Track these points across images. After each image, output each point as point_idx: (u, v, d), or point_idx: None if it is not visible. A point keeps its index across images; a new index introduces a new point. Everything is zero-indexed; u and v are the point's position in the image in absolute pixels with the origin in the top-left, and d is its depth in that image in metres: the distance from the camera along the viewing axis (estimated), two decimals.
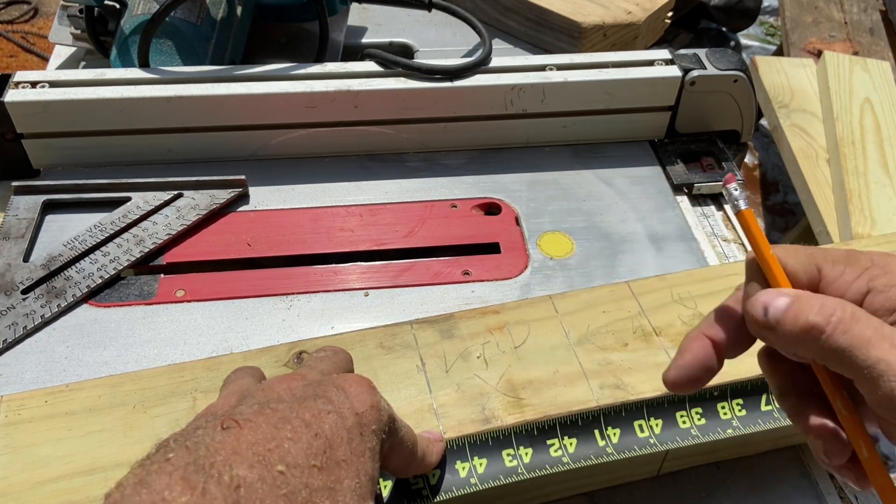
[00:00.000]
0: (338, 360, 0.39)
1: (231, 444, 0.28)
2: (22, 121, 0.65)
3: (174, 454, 0.28)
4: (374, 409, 0.33)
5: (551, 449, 0.42)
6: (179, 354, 0.54)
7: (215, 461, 0.27)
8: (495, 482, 0.41)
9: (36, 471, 0.40)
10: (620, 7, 0.88)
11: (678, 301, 0.50)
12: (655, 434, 0.43)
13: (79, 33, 0.82)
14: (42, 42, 2.35)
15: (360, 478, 0.31)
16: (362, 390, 0.34)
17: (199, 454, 0.28)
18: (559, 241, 0.65)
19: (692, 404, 0.44)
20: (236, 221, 0.65)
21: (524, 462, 0.41)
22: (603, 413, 0.43)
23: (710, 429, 0.44)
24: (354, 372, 0.42)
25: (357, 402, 0.33)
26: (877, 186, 1.01)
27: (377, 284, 0.60)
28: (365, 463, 0.31)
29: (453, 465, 0.41)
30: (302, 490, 0.28)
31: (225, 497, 0.26)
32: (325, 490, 0.29)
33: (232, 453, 0.28)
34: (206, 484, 0.26)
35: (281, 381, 0.35)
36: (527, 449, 0.42)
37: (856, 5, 1.60)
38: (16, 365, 0.53)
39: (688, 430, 0.43)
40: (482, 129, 0.73)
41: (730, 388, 0.45)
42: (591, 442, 0.43)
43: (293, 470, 0.28)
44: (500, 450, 0.42)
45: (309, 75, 0.69)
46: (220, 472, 0.27)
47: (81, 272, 0.59)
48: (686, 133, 0.76)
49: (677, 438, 0.43)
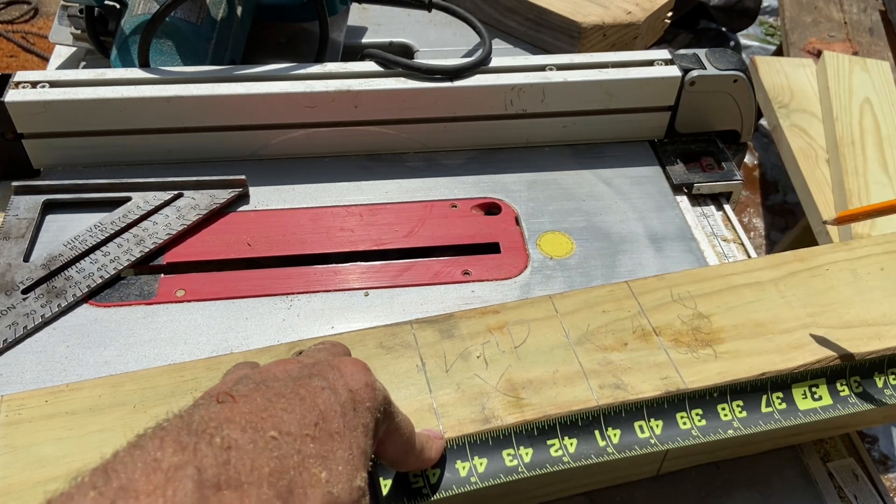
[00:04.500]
0: (335, 351, 0.40)
1: (225, 414, 0.29)
2: (22, 121, 0.65)
3: (168, 423, 0.28)
4: (369, 388, 0.34)
5: (552, 449, 0.42)
6: (179, 354, 0.54)
7: (208, 426, 0.28)
8: (495, 481, 0.41)
9: (36, 470, 0.40)
10: (620, 7, 0.88)
11: (678, 301, 0.50)
12: (656, 434, 0.43)
13: (79, 33, 0.82)
14: (42, 42, 2.35)
15: (352, 450, 0.31)
16: (357, 370, 0.34)
17: (193, 420, 0.28)
18: (559, 241, 0.65)
19: (692, 405, 0.45)
20: (236, 221, 0.65)
21: (524, 462, 0.41)
22: (603, 413, 0.43)
23: (710, 429, 0.44)
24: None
25: (351, 380, 0.34)
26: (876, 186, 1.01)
27: (377, 284, 0.60)
28: (358, 437, 0.32)
29: (453, 465, 0.41)
30: (294, 455, 0.29)
31: (215, 455, 0.27)
32: (318, 457, 0.29)
33: (225, 420, 0.29)
34: (197, 444, 0.27)
35: (278, 363, 0.36)
36: (527, 449, 0.42)
37: (855, 5, 1.60)
38: (16, 365, 0.53)
39: (688, 430, 0.43)
40: (482, 129, 0.73)
41: (729, 388, 0.45)
42: (591, 442, 0.43)
43: (286, 437, 0.29)
44: (500, 449, 0.42)
45: (309, 75, 0.69)
46: (211, 434, 0.27)
47: (82, 272, 0.59)
48: (686, 133, 0.76)
49: (678, 439, 0.43)
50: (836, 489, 0.52)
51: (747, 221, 1.95)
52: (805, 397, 0.46)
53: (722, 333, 0.48)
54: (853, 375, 0.47)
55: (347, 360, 0.35)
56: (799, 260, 0.53)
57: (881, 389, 0.46)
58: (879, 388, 0.47)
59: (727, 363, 0.46)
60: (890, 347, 0.47)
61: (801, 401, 0.46)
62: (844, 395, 0.46)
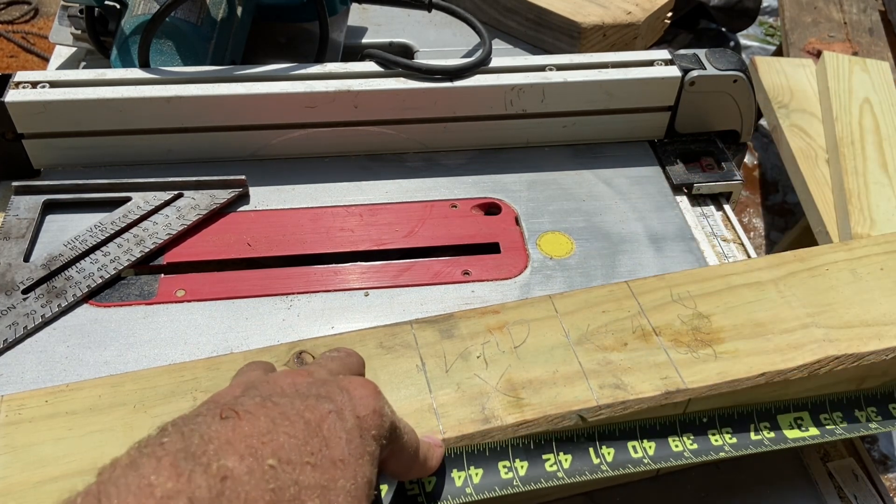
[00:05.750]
0: (349, 363, 0.39)
1: (226, 435, 0.29)
2: (22, 121, 0.65)
3: (168, 439, 0.28)
4: (376, 415, 0.33)
5: (547, 464, 0.43)
6: (179, 354, 0.54)
7: (207, 450, 0.28)
8: (490, 493, 0.41)
9: (36, 470, 0.40)
10: (620, 7, 0.88)
11: (678, 301, 0.50)
12: (649, 455, 0.44)
13: (79, 33, 0.82)
14: (42, 42, 2.35)
15: (356, 480, 0.30)
16: (366, 394, 0.34)
17: (193, 441, 0.28)
18: (559, 241, 0.65)
19: (683, 430, 0.45)
20: (236, 221, 0.65)
21: (519, 475, 0.42)
22: (598, 432, 0.44)
23: (702, 452, 0.44)
24: (364, 375, 0.42)
25: (360, 405, 0.33)
26: (876, 186, 1.01)
27: (377, 284, 0.60)
28: (363, 466, 0.31)
29: (450, 474, 0.41)
30: (291, 486, 0.28)
31: (209, 486, 0.26)
32: (317, 488, 0.29)
33: (225, 443, 0.28)
34: (192, 472, 0.26)
35: (287, 375, 0.35)
36: (523, 462, 0.42)
37: (855, 5, 1.60)
38: (16, 365, 0.53)
39: (680, 452, 0.44)
40: (482, 129, 0.73)
41: (717, 414, 0.46)
42: (585, 458, 0.43)
43: (284, 465, 0.28)
44: (496, 461, 0.42)
45: (309, 75, 0.69)
46: (209, 460, 0.27)
47: (82, 272, 0.59)
48: (685, 133, 0.76)
49: (671, 459, 0.44)
50: (836, 489, 0.52)
51: (747, 221, 1.95)
52: (792, 427, 0.46)
53: (722, 333, 0.48)
54: (835, 411, 0.47)
55: (358, 383, 0.34)
56: (799, 260, 0.53)
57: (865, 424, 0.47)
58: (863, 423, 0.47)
59: (727, 363, 0.46)
60: (890, 347, 0.47)
61: (789, 431, 0.46)
62: (830, 428, 0.46)
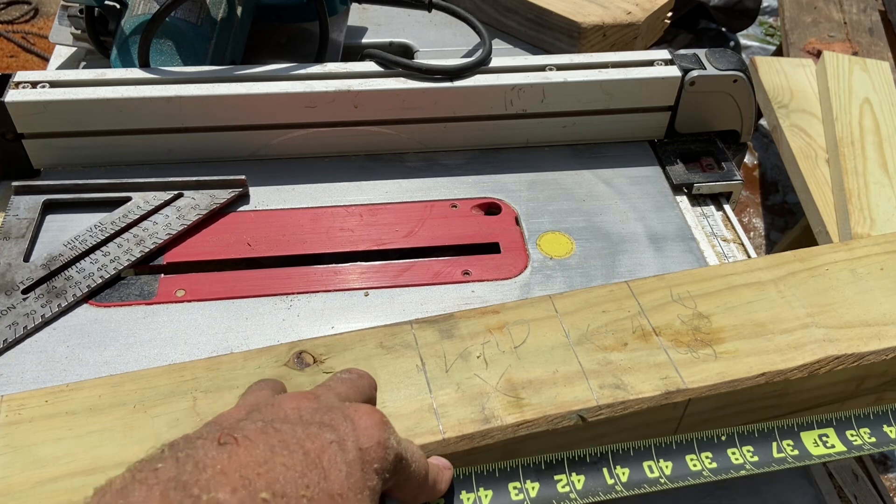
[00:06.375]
0: (360, 385, 0.39)
1: (221, 463, 0.28)
2: (22, 121, 0.65)
3: (163, 465, 0.28)
4: (380, 447, 0.32)
5: (559, 484, 0.41)
6: (179, 354, 0.54)
7: (199, 479, 0.27)
8: None
9: (36, 470, 0.40)
10: (620, 7, 0.88)
11: (678, 301, 0.50)
12: (666, 475, 0.42)
13: (79, 33, 0.83)
14: (42, 42, 2.35)
15: None
16: (371, 424, 0.33)
17: (186, 469, 0.27)
18: (559, 241, 0.65)
19: (701, 449, 0.44)
20: (236, 221, 0.65)
21: (530, 496, 0.41)
22: (612, 452, 0.43)
23: (721, 471, 0.43)
24: (375, 397, 0.41)
25: (363, 436, 0.32)
26: (876, 186, 1.01)
27: (377, 284, 0.60)
28: (362, 501, 0.30)
29: (458, 495, 0.41)
30: None
31: None
32: None
33: (219, 473, 0.28)
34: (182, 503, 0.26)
35: (293, 399, 0.34)
36: (534, 483, 0.42)
37: (855, 5, 1.60)
38: (16, 365, 0.53)
39: (699, 471, 0.43)
40: (482, 129, 0.73)
41: (737, 433, 0.44)
42: (599, 479, 0.42)
43: (278, 499, 0.28)
44: (506, 482, 0.41)
45: (309, 75, 0.69)
46: (199, 492, 0.27)
47: (82, 272, 0.59)
48: (685, 133, 0.76)
49: (689, 479, 0.42)
50: (836, 489, 0.52)
51: (747, 221, 1.95)
52: (817, 445, 0.44)
53: (722, 333, 0.48)
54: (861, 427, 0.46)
55: (364, 412, 0.34)
56: (799, 260, 0.53)
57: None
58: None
59: (727, 363, 0.46)
60: (890, 347, 0.47)
61: (813, 448, 0.44)
62: (857, 444, 0.44)
